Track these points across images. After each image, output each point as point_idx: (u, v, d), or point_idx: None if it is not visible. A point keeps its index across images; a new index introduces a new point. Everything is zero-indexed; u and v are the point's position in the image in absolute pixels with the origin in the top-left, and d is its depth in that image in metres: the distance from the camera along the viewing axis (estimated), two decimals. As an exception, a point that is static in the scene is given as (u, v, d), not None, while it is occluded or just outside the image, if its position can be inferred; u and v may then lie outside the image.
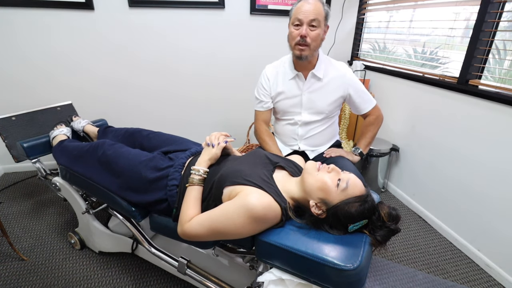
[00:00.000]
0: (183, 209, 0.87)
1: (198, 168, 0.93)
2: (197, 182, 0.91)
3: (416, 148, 1.91)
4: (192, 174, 0.93)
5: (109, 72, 2.16)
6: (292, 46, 1.23)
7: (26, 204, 1.89)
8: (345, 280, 0.69)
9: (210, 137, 1.01)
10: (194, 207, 0.87)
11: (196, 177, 0.92)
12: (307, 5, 1.16)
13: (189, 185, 0.91)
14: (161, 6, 2.05)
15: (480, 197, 1.49)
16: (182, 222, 0.84)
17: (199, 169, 0.93)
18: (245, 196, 0.77)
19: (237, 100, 2.43)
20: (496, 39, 1.44)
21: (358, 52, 2.46)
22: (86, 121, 1.57)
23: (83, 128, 1.54)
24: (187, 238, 0.84)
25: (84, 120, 1.59)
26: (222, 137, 1.02)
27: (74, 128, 1.56)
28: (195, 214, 0.85)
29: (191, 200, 0.88)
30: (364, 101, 1.36)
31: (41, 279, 1.33)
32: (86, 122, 1.57)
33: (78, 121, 1.57)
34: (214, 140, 1.00)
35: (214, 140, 1.00)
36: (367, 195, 0.78)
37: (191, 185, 0.91)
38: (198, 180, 0.92)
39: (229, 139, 1.03)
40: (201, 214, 0.84)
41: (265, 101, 1.39)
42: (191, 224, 0.82)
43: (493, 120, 1.40)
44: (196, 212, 0.86)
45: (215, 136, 1.01)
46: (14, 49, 1.95)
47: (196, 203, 0.88)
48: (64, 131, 1.46)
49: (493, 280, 1.43)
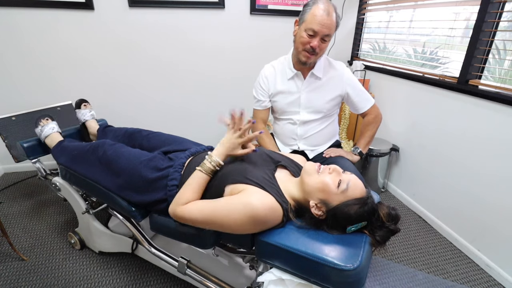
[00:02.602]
0: (183, 190, 0.86)
1: (213, 156, 0.88)
2: (207, 171, 0.88)
3: (416, 148, 1.91)
4: (206, 160, 0.88)
5: (109, 72, 2.16)
6: (299, 50, 1.22)
7: (26, 204, 1.89)
8: (345, 280, 0.69)
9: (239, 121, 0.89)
10: (195, 192, 0.86)
11: (208, 165, 0.87)
12: (326, 18, 1.12)
13: (199, 169, 0.88)
14: (161, 6, 2.05)
15: (480, 197, 1.49)
16: (177, 202, 0.84)
17: (214, 158, 0.88)
18: (248, 196, 0.77)
19: (237, 100, 2.43)
20: (496, 39, 1.43)
21: (358, 52, 2.46)
22: (91, 115, 1.56)
23: (86, 121, 1.54)
24: (177, 219, 0.84)
25: (91, 113, 1.56)
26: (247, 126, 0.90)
27: (78, 115, 1.55)
28: (193, 199, 0.85)
29: (195, 185, 0.86)
30: (362, 100, 1.36)
31: (41, 279, 1.33)
32: (91, 117, 1.56)
33: (86, 111, 1.55)
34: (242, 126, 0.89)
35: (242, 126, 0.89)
36: (368, 197, 0.78)
37: (201, 170, 0.88)
38: (209, 169, 0.88)
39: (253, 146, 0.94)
40: (200, 200, 0.84)
41: (263, 100, 1.40)
42: (187, 207, 0.82)
43: (493, 120, 1.40)
44: (195, 199, 0.86)
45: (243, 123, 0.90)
46: (14, 49, 1.95)
47: (198, 190, 0.87)
48: (55, 128, 1.40)
49: (493, 280, 1.43)
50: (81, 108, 1.58)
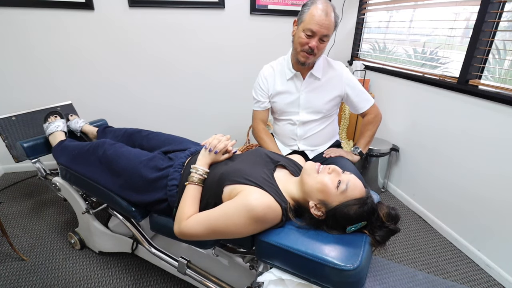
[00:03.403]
0: (180, 208, 0.86)
1: (198, 167, 0.92)
2: (197, 181, 0.90)
3: (416, 148, 1.91)
4: (192, 173, 0.91)
5: (109, 72, 2.16)
6: (298, 50, 1.22)
7: (26, 204, 1.89)
8: (345, 280, 0.69)
9: (212, 141, 0.95)
10: (192, 206, 0.86)
11: (196, 176, 0.90)
12: (324, 18, 1.12)
13: (188, 183, 0.90)
14: (161, 6, 2.05)
15: (480, 197, 1.49)
16: (179, 220, 0.84)
17: (199, 168, 0.92)
18: (246, 196, 0.76)
19: (237, 100, 2.43)
20: (496, 39, 1.43)
21: (358, 52, 2.46)
22: (83, 121, 1.56)
23: (81, 128, 1.54)
24: (184, 237, 0.83)
25: (82, 120, 1.57)
26: (224, 143, 0.95)
27: (71, 128, 1.54)
28: (192, 213, 0.84)
29: (189, 199, 0.87)
30: (361, 100, 1.36)
31: (41, 279, 1.33)
32: (83, 122, 1.56)
33: (75, 121, 1.55)
34: (217, 145, 0.94)
35: (217, 145, 0.94)
36: (367, 197, 0.78)
37: (190, 183, 0.90)
38: (198, 179, 0.90)
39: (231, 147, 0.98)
40: (199, 213, 0.83)
41: (262, 101, 1.40)
42: (188, 223, 0.81)
43: (493, 120, 1.40)
44: (194, 211, 0.85)
45: (218, 140, 0.95)
46: (14, 49, 1.95)
47: (194, 202, 0.87)
48: (60, 127, 1.42)
49: (493, 280, 1.43)
50: (69, 119, 1.57)
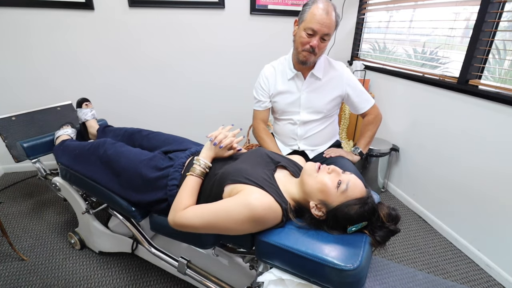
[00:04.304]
0: (178, 197, 0.86)
1: (201, 160, 0.92)
2: (198, 174, 0.90)
3: (416, 148, 1.91)
4: (195, 164, 0.92)
5: (109, 72, 2.16)
6: (299, 50, 1.22)
7: (26, 204, 1.89)
8: (345, 280, 0.69)
9: (218, 136, 0.94)
10: (190, 197, 0.86)
11: (198, 168, 0.90)
12: (325, 17, 1.12)
13: (189, 174, 0.90)
14: (161, 6, 2.05)
15: (480, 197, 1.49)
16: (175, 210, 0.83)
17: (202, 161, 0.92)
18: (247, 195, 0.76)
19: (237, 100, 2.43)
20: (496, 39, 1.44)
21: (358, 52, 2.46)
22: (93, 115, 1.57)
23: (86, 120, 1.54)
24: (177, 228, 0.83)
25: (91, 113, 1.56)
26: (230, 139, 0.95)
27: (78, 114, 1.55)
28: (190, 204, 0.84)
29: (189, 190, 0.87)
30: (362, 100, 1.36)
31: (41, 279, 1.33)
32: (93, 116, 1.56)
33: (87, 110, 1.55)
34: (224, 140, 0.94)
35: (224, 140, 0.94)
36: (368, 197, 0.78)
37: (191, 174, 0.90)
38: (200, 172, 0.90)
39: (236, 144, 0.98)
40: (198, 206, 0.83)
41: (263, 100, 1.40)
42: (185, 213, 0.81)
43: (493, 120, 1.40)
44: (191, 203, 0.85)
45: (224, 135, 0.95)
46: (13, 49, 1.95)
47: (192, 194, 0.87)
48: (68, 132, 1.45)
49: (493, 280, 1.43)
50: (82, 107, 1.57)
